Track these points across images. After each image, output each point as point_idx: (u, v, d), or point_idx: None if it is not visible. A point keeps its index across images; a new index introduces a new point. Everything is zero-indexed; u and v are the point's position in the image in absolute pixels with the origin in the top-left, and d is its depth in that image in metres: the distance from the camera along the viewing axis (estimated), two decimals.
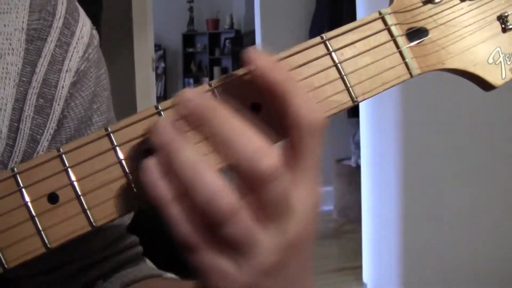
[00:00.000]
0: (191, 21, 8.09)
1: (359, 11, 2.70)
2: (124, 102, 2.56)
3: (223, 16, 8.05)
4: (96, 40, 0.65)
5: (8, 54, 0.57)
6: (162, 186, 0.38)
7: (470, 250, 2.38)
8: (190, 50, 8.24)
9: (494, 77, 0.44)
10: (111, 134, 0.40)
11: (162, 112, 0.41)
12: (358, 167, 3.49)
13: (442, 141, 2.38)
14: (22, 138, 0.57)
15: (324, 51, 0.43)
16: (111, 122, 0.67)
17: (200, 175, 0.37)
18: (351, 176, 4.01)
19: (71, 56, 0.61)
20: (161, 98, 7.60)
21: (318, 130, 0.39)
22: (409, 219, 2.48)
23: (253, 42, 4.72)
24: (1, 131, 0.56)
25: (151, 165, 0.38)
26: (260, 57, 0.39)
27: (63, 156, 0.40)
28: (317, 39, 0.43)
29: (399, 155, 2.49)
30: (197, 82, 8.14)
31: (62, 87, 0.60)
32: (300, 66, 0.42)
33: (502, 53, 0.44)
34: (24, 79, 0.58)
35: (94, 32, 0.65)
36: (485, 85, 0.45)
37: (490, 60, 0.44)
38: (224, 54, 8.05)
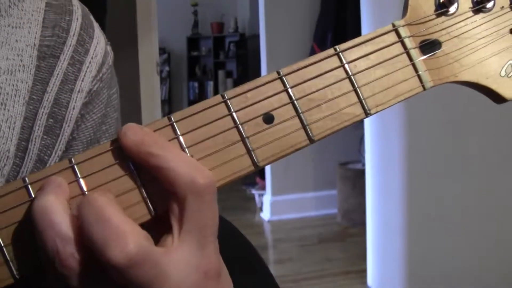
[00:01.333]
0: (195, 24, 8.09)
1: (363, 16, 2.70)
2: (128, 106, 2.56)
3: (227, 20, 8.05)
4: (110, 58, 0.63)
5: (19, 70, 0.55)
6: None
7: (475, 254, 2.38)
8: (195, 53, 8.23)
9: (506, 90, 0.45)
10: None
11: (175, 124, 0.41)
12: (362, 171, 3.49)
13: (447, 144, 2.38)
14: (30, 159, 0.56)
15: (338, 63, 0.43)
16: None
17: (48, 225, 0.37)
18: (355, 180, 4.01)
19: (84, 76, 0.59)
20: (165, 101, 7.61)
21: (201, 192, 0.38)
22: (414, 223, 2.48)
23: (257, 46, 4.72)
24: (9, 150, 0.54)
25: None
26: (132, 132, 0.39)
27: (75, 166, 0.40)
28: (331, 51, 0.43)
29: (404, 158, 2.49)
30: (202, 85, 8.14)
31: (73, 108, 0.58)
32: (313, 78, 0.42)
33: None
34: (34, 97, 0.56)
35: (109, 48, 0.64)
36: (497, 98, 0.45)
37: (503, 73, 0.44)
38: (229, 57, 8.05)
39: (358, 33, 2.83)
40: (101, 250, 0.35)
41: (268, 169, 4.46)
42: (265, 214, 4.54)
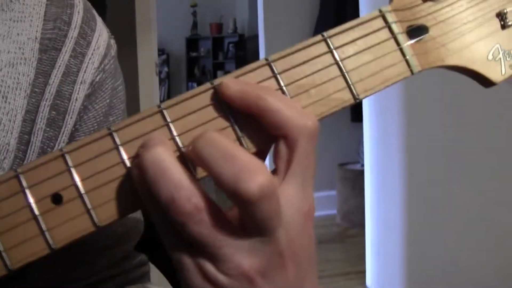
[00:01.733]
0: (194, 25, 8.12)
1: (362, 15, 2.70)
2: (127, 107, 2.56)
3: (226, 21, 8.07)
4: (113, 50, 0.64)
5: (20, 63, 0.55)
6: (141, 185, 0.38)
7: (474, 254, 2.39)
8: (194, 54, 8.26)
9: (494, 73, 0.45)
10: (114, 133, 0.40)
11: (164, 111, 0.41)
12: (362, 171, 3.50)
13: (446, 144, 2.39)
14: (33, 152, 0.56)
15: (325, 49, 0.43)
16: None
17: (161, 173, 0.37)
18: (355, 180, 4.01)
19: (86, 67, 0.59)
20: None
21: (311, 134, 0.39)
22: (413, 223, 2.48)
23: (256, 47, 4.73)
24: (9, 143, 0.54)
25: (133, 167, 0.39)
26: (234, 83, 0.40)
27: (66, 155, 0.40)
28: (318, 37, 0.43)
29: (403, 158, 2.49)
30: None
31: (76, 99, 0.58)
32: (301, 64, 0.43)
33: (501, 50, 0.45)
34: (36, 89, 0.56)
35: (112, 41, 0.64)
36: (485, 82, 0.46)
37: (490, 57, 0.45)
38: (228, 58, 8.08)
39: None
40: (233, 184, 0.36)
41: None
42: None
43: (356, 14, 2.90)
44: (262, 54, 4.46)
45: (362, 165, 3.95)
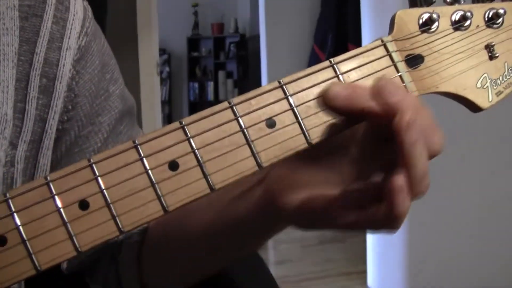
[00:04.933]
0: (195, 25, 8.11)
1: (363, 17, 2.71)
2: None
3: (227, 20, 8.07)
4: (89, 12, 0.64)
5: (3, 34, 0.56)
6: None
7: (475, 255, 2.38)
8: (195, 54, 8.25)
9: (482, 100, 0.49)
10: (139, 147, 0.44)
11: (186, 127, 0.44)
12: None
13: (447, 144, 2.38)
14: (30, 119, 0.57)
15: (333, 73, 0.47)
16: (124, 90, 0.67)
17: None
18: None
19: (70, 34, 0.60)
20: (165, 102, 7.62)
21: (416, 108, 0.44)
22: (414, 223, 2.48)
23: (257, 47, 4.74)
24: (6, 113, 0.55)
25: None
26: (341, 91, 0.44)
27: (94, 165, 0.43)
28: (326, 63, 0.47)
29: None
30: (202, 86, 8.15)
31: (63, 65, 0.59)
32: (311, 87, 0.46)
33: (489, 79, 0.49)
34: (22, 58, 0.57)
35: (85, 3, 0.64)
36: (474, 107, 0.50)
37: (479, 85, 0.49)
38: (229, 58, 8.07)
39: (358, 34, 2.84)
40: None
41: None
42: None
43: (357, 15, 2.90)
44: (263, 54, 4.47)
45: None
